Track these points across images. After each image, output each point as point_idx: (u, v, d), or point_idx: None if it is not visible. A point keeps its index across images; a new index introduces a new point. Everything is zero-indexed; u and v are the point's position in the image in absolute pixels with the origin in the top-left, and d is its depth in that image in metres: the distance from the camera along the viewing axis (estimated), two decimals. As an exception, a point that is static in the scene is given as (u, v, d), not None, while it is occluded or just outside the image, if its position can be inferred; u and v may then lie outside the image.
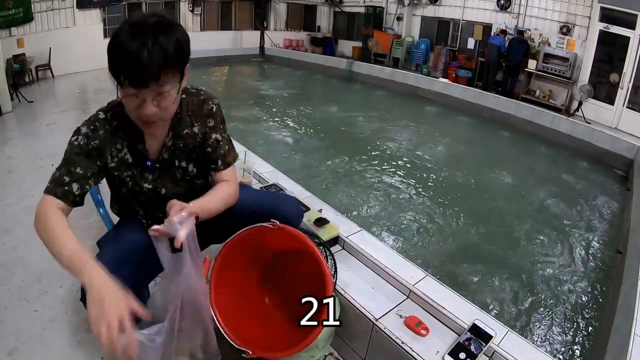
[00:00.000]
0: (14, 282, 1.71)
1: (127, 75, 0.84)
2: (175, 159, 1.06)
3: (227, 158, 1.09)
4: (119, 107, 0.98)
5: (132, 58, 0.81)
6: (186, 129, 1.05)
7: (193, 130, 1.05)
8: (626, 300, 2.11)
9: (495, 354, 1.13)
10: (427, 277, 1.42)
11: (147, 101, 0.87)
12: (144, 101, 0.87)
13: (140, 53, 0.81)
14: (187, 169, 1.09)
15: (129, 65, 0.82)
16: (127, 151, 1.02)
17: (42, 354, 1.35)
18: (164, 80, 0.86)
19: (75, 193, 0.97)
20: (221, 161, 1.08)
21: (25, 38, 7.12)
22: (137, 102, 0.87)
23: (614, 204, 4.17)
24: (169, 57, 0.84)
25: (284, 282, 1.31)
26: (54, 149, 3.55)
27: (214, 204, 1.00)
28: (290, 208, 1.21)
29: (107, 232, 1.20)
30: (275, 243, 1.17)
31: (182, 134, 1.04)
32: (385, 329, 1.20)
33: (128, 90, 0.85)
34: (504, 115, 6.94)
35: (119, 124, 0.99)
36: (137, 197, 1.08)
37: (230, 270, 1.15)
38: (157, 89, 0.86)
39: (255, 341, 1.07)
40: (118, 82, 0.86)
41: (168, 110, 0.93)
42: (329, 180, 4.08)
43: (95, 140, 0.96)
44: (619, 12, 6.08)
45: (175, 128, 1.03)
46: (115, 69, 0.85)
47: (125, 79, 0.84)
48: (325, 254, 1.31)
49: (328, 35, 12.69)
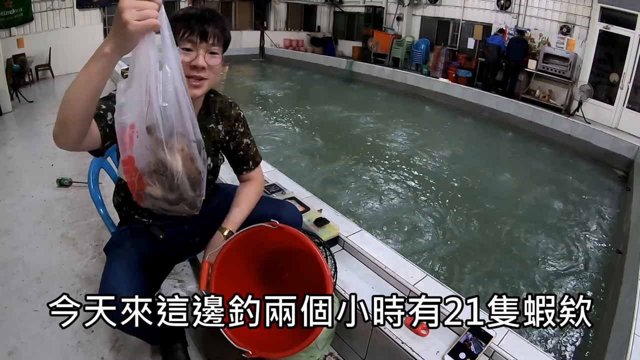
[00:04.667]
0: (14, 282, 1.71)
1: (194, 26, 0.96)
2: None
3: (256, 158, 1.26)
4: None
5: (198, 14, 0.98)
6: (211, 124, 1.15)
7: (218, 127, 1.16)
8: (626, 300, 2.11)
9: (495, 354, 1.13)
10: (427, 277, 1.42)
11: (200, 55, 0.98)
12: (197, 55, 0.97)
13: (205, 12, 0.99)
14: (206, 161, 1.10)
15: (195, 18, 0.96)
16: None
17: (42, 354, 1.35)
18: (217, 42, 1.00)
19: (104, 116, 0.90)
20: (252, 162, 1.25)
21: (25, 38, 7.12)
22: (192, 55, 0.97)
23: (614, 204, 4.17)
24: (224, 27, 1.01)
25: (284, 282, 1.31)
26: (54, 149, 3.54)
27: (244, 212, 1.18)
28: (288, 214, 1.23)
29: (112, 237, 1.21)
30: (275, 243, 1.17)
31: (207, 128, 1.13)
32: (385, 329, 1.20)
33: (184, 44, 0.96)
34: (504, 115, 6.94)
35: None
36: None
37: (230, 270, 1.14)
38: (210, 46, 0.99)
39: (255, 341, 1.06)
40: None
41: (214, 73, 1.03)
42: (329, 180, 4.08)
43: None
44: (619, 12, 6.08)
45: (202, 121, 1.09)
46: (180, 25, 0.96)
47: (187, 31, 0.96)
48: (325, 254, 1.31)
49: (328, 35, 12.69)
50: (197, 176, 0.88)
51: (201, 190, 0.91)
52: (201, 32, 0.97)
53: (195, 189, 0.89)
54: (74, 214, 2.35)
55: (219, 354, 1.34)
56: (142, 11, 0.67)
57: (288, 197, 1.80)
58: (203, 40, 0.97)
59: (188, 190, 0.87)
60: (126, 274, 0.96)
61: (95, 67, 0.72)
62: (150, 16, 0.68)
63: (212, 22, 0.98)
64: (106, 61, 0.71)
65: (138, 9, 0.67)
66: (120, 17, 0.67)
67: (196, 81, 1.00)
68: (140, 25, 0.67)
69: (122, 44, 0.69)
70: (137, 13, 0.67)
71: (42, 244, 2.03)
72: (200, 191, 0.91)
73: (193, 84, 0.99)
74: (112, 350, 1.36)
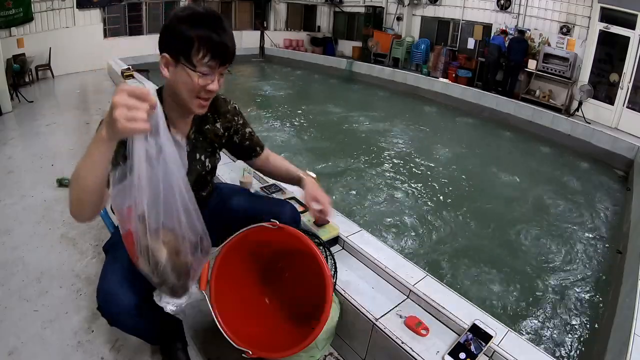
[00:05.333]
0: (14, 282, 1.71)
1: (216, 51, 0.92)
2: (196, 152, 1.13)
3: (260, 143, 1.29)
4: None
5: (221, 41, 0.92)
6: (208, 125, 1.14)
7: (215, 126, 1.16)
8: (626, 300, 2.11)
9: (495, 354, 1.13)
10: (427, 277, 1.42)
11: (216, 79, 0.96)
12: (213, 80, 0.95)
13: (228, 34, 0.94)
14: (205, 163, 1.16)
15: (220, 44, 0.92)
16: None
17: (42, 354, 1.35)
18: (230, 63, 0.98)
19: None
20: (259, 147, 1.28)
21: (25, 38, 7.12)
22: (209, 79, 0.94)
23: (614, 204, 4.17)
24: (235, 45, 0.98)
25: (284, 282, 1.31)
26: (54, 149, 3.55)
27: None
28: (286, 213, 1.23)
29: (111, 236, 1.20)
30: (275, 243, 1.17)
31: (204, 129, 1.13)
32: (385, 329, 1.20)
33: (203, 69, 0.92)
34: (504, 115, 6.94)
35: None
36: None
37: (230, 270, 1.15)
38: (224, 69, 0.97)
39: (255, 341, 1.07)
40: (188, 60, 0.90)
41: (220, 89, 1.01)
42: (329, 180, 4.08)
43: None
44: (619, 12, 6.08)
45: (198, 123, 1.11)
46: (200, 43, 0.90)
47: (210, 55, 0.91)
48: (325, 254, 1.31)
49: (328, 35, 12.69)
50: (183, 268, 0.89)
51: (188, 281, 0.93)
52: (223, 57, 0.94)
53: (180, 278, 0.90)
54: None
55: (219, 354, 1.34)
56: (132, 112, 0.66)
57: (288, 197, 1.80)
58: (222, 66, 0.95)
59: (171, 279, 0.89)
60: (125, 273, 0.96)
61: (97, 153, 0.73)
62: (139, 119, 0.66)
63: (232, 45, 0.95)
64: (105, 147, 0.72)
65: (129, 108, 0.66)
66: (111, 112, 0.66)
67: (205, 101, 0.99)
68: (128, 127, 0.66)
69: (113, 135, 0.69)
70: (127, 113, 0.66)
71: (42, 244, 2.03)
72: (185, 281, 0.92)
73: (203, 103, 0.99)
74: (112, 350, 1.36)
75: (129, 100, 0.66)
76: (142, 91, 0.67)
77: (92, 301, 1.58)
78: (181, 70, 0.92)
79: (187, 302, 1.57)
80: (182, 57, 0.91)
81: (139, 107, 0.66)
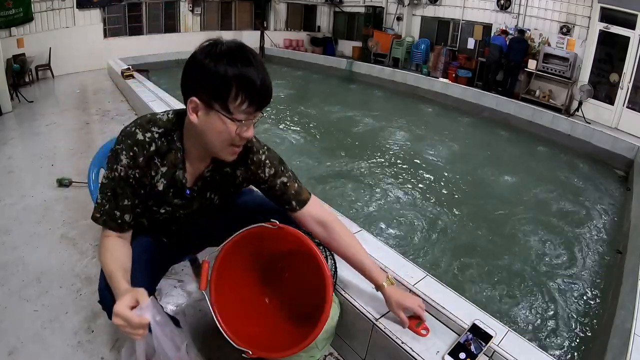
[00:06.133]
0: (14, 282, 1.71)
1: (256, 96, 0.83)
2: (207, 190, 1.06)
3: (299, 196, 1.09)
4: (161, 128, 0.94)
5: (264, 78, 0.83)
6: (228, 168, 1.04)
7: (235, 172, 1.06)
8: (626, 300, 2.11)
9: (495, 354, 1.12)
10: (427, 277, 1.42)
11: (251, 127, 0.89)
12: (248, 127, 0.88)
13: (266, 78, 0.85)
14: (214, 199, 1.10)
15: (262, 87, 0.83)
16: (162, 177, 0.98)
17: (42, 354, 1.35)
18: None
19: (129, 222, 0.99)
20: (295, 201, 1.09)
21: (25, 38, 7.13)
22: (246, 125, 0.87)
23: (614, 204, 4.17)
24: None
25: (284, 282, 1.31)
26: (54, 149, 3.55)
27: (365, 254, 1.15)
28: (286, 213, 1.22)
29: None
30: (275, 243, 1.17)
31: (223, 171, 1.04)
32: (385, 329, 1.20)
33: (240, 116, 0.84)
34: (504, 115, 6.95)
35: (159, 148, 0.94)
36: (151, 214, 1.07)
37: (230, 270, 1.14)
38: (263, 112, 0.89)
39: (255, 341, 1.06)
40: (224, 106, 0.83)
41: None
42: (329, 180, 4.09)
43: (136, 170, 0.93)
44: (619, 12, 6.08)
45: (218, 162, 1.01)
46: (242, 91, 0.82)
47: (250, 100, 0.83)
48: (325, 254, 1.31)
49: (328, 35, 12.70)
50: None
51: None
52: (264, 103, 0.86)
53: None
54: (74, 214, 2.35)
55: (219, 354, 1.34)
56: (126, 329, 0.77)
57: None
58: (259, 113, 0.87)
59: None
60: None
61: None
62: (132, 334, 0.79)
63: (270, 87, 0.86)
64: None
65: (125, 323, 0.77)
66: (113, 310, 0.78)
67: (238, 148, 0.92)
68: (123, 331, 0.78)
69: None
70: (123, 326, 0.77)
71: (42, 244, 2.03)
72: None
73: (235, 151, 0.92)
74: (112, 350, 1.36)
75: (128, 314, 0.77)
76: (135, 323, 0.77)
77: (92, 301, 1.58)
78: (214, 116, 0.84)
79: (187, 302, 1.57)
80: (216, 103, 0.82)
81: (132, 333, 0.78)
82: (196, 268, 1.71)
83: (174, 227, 1.14)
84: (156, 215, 1.06)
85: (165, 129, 0.94)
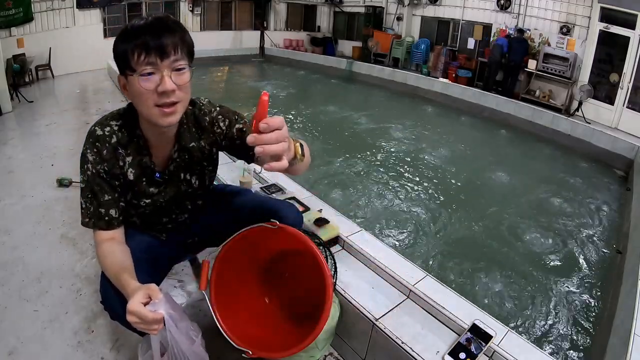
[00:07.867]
0: (14, 282, 1.71)
1: (149, 45, 0.82)
2: (180, 172, 1.07)
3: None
4: (119, 120, 0.97)
5: (148, 26, 0.83)
6: (193, 142, 1.05)
7: (200, 143, 1.06)
8: (626, 300, 2.11)
9: (495, 354, 1.13)
10: (427, 277, 1.42)
11: (165, 76, 0.84)
12: (162, 77, 0.84)
13: (155, 21, 0.84)
14: (191, 181, 1.10)
15: (146, 32, 0.82)
16: (129, 167, 0.99)
17: (42, 354, 1.34)
18: (181, 54, 0.86)
19: (117, 217, 1.00)
20: None
21: (25, 38, 7.12)
22: (155, 80, 0.84)
23: (614, 204, 4.17)
24: (183, 33, 0.87)
25: (283, 282, 1.30)
26: (54, 149, 3.55)
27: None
28: (289, 215, 1.22)
29: None
30: (275, 243, 1.17)
31: (189, 147, 1.05)
32: (385, 329, 1.20)
33: (144, 68, 0.83)
34: (504, 115, 6.94)
35: (120, 139, 0.97)
36: (135, 209, 1.08)
37: (230, 270, 1.14)
38: (173, 63, 0.85)
39: (255, 341, 1.06)
40: (129, 67, 0.84)
41: (184, 91, 0.89)
42: (329, 180, 4.09)
43: (104, 164, 0.96)
44: (619, 12, 6.08)
45: (181, 140, 1.02)
46: (131, 46, 0.82)
47: (142, 52, 0.82)
48: (325, 254, 1.31)
49: (328, 35, 12.69)
50: None
51: None
52: (159, 47, 0.82)
53: None
54: (74, 214, 2.34)
55: (219, 354, 1.34)
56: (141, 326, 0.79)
57: (288, 197, 1.80)
58: (165, 58, 0.83)
59: None
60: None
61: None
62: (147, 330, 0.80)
63: (167, 31, 0.84)
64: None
65: (139, 320, 0.78)
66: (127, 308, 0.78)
67: (168, 108, 0.87)
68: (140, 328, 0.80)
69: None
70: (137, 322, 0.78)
71: (42, 244, 2.03)
72: None
73: (165, 111, 0.87)
74: (112, 350, 1.36)
75: (139, 324, 0.78)
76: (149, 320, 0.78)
77: (92, 301, 1.58)
78: (130, 83, 0.86)
79: (187, 302, 1.57)
80: (126, 70, 0.85)
81: (147, 329, 0.79)
82: (196, 268, 1.71)
83: (165, 219, 1.14)
84: (140, 209, 1.07)
85: (123, 120, 0.98)
